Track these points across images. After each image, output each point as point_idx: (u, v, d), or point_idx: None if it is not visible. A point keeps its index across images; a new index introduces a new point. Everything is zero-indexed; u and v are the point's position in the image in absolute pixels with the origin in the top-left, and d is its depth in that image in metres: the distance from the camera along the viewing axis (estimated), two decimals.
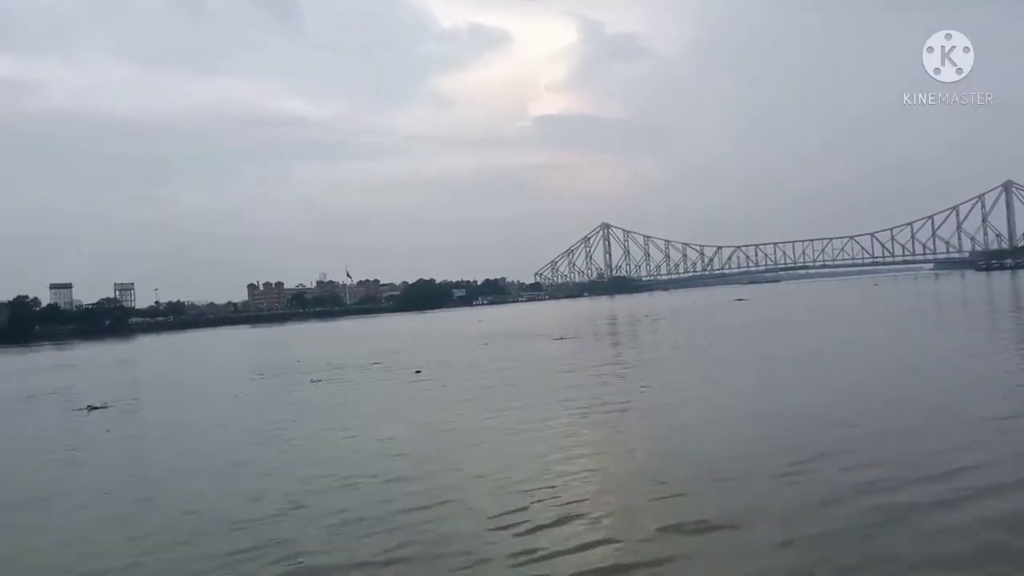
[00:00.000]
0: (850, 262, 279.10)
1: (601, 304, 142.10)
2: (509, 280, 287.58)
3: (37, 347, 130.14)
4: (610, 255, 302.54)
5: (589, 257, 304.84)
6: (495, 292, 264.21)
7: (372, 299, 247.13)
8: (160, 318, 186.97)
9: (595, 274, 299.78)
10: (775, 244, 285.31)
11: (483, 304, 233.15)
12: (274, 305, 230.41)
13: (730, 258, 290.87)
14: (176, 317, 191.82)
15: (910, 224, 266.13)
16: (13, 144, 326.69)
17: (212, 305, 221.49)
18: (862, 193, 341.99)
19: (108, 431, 22.04)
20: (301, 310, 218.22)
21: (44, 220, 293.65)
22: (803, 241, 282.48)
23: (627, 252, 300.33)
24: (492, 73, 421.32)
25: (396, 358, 40.11)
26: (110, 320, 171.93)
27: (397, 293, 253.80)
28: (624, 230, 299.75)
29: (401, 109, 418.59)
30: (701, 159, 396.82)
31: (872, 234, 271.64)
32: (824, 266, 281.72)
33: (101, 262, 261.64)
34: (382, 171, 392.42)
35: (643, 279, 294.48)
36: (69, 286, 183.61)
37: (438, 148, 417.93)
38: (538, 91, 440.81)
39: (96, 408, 26.98)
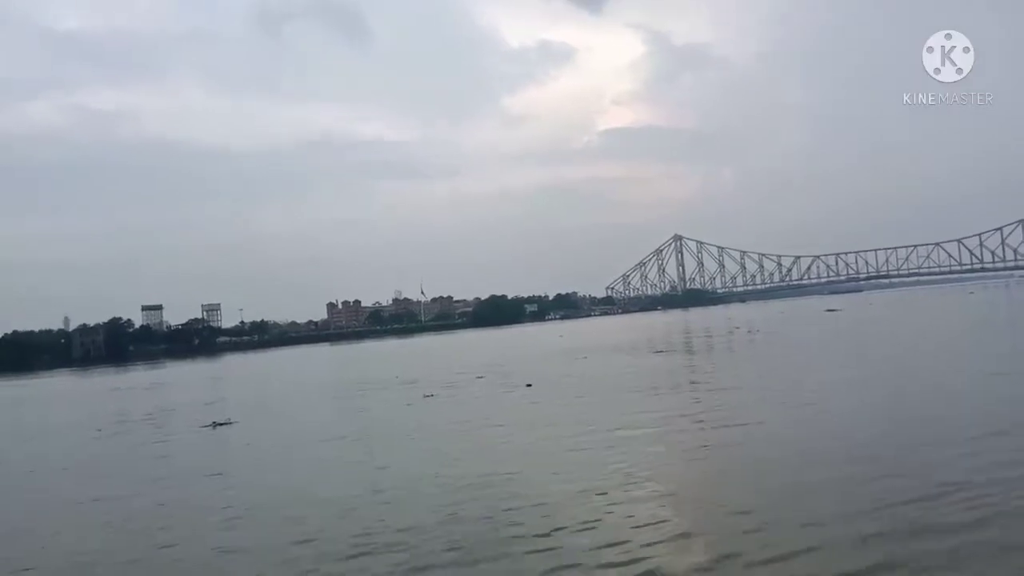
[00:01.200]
0: (936, 270, 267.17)
1: (678, 318, 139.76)
2: (580, 294, 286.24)
3: (132, 366, 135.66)
4: (683, 267, 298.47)
5: (662, 270, 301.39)
6: (567, 307, 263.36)
7: (446, 316, 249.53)
8: (245, 337, 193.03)
9: (668, 287, 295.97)
10: (857, 253, 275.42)
11: (556, 319, 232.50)
12: (352, 323, 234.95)
13: (809, 268, 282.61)
14: (260, 336, 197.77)
15: (999, 229, 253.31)
16: (110, 171, 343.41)
17: (294, 324, 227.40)
18: (948, 196, 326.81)
19: (248, 444, 22.63)
20: (378, 327, 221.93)
21: (136, 243, 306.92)
22: (886, 249, 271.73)
23: (701, 264, 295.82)
24: (560, 88, 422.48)
25: (497, 372, 40.16)
26: (199, 340, 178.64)
27: (470, 309, 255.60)
28: (698, 241, 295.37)
29: (471, 127, 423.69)
30: (777, 167, 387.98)
31: (959, 240, 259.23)
32: (909, 275, 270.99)
33: (189, 283, 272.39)
34: (453, 188, 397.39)
35: (718, 291, 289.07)
36: (160, 307, 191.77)
37: (507, 164, 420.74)
38: (605, 105, 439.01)
39: (221, 424, 27.70)
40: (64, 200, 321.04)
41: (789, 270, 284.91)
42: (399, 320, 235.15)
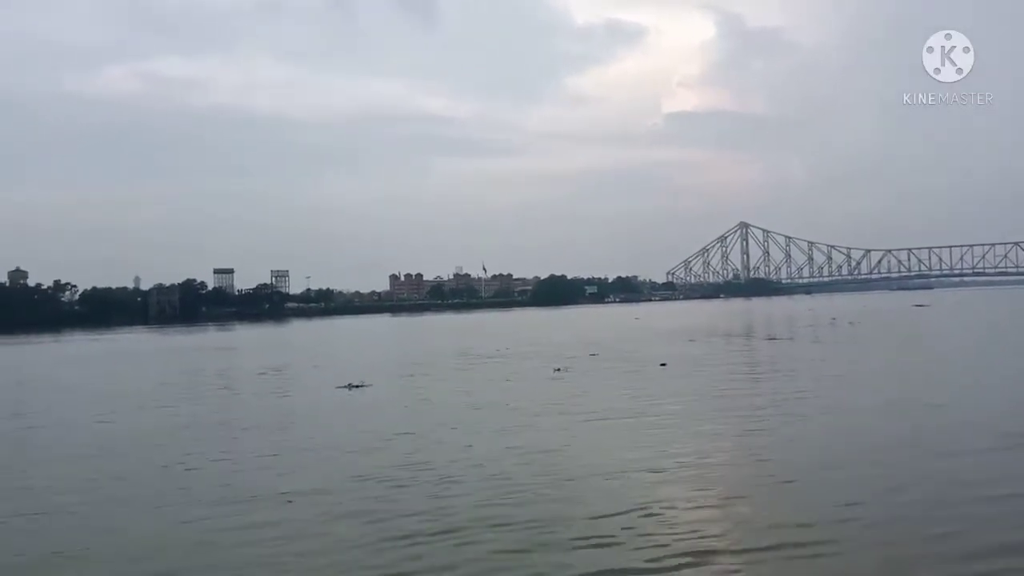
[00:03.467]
0: (1013, 271, 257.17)
1: (749, 307, 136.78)
2: (640, 278, 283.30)
3: (204, 327, 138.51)
4: (748, 255, 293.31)
5: (725, 257, 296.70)
6: (627, 290, 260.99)
7: (506, 293, 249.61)
8: (312, 304, 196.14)
9: (731, 275, 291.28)
10: (930, 249, 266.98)
11: (615, 302, 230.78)
12: (414, 296, 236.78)
13: (879, 262, 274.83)
14: (326, 304, 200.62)
15: None
16: (182, 137, 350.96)
17: (358, 294, 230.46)
18: None
19: (405, 407, 22.38)
20: (439, 301, 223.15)
21: (205, 209, 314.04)
22: (961, 246, 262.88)
23: (767, 253, 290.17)
24: (625, 69, 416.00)
25: (610, 351, 39.50)
26: (268, 304, 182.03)
27: (529, 288, 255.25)
28: (764, 230, 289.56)
29: (535, 106, 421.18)
30: (847, 156, 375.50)
31: None
32: (983, 274, 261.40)
33: (256, 250, 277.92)
34: (516, 167, 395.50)
35: (782, 282, 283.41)
36: (231, 271, 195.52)
37: (570, 145, 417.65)
38: (671, 87, 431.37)
39: (355, 387, 27.56)
40: (135, 165, 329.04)
41: (858, 263, 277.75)
42: (459, 295, 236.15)
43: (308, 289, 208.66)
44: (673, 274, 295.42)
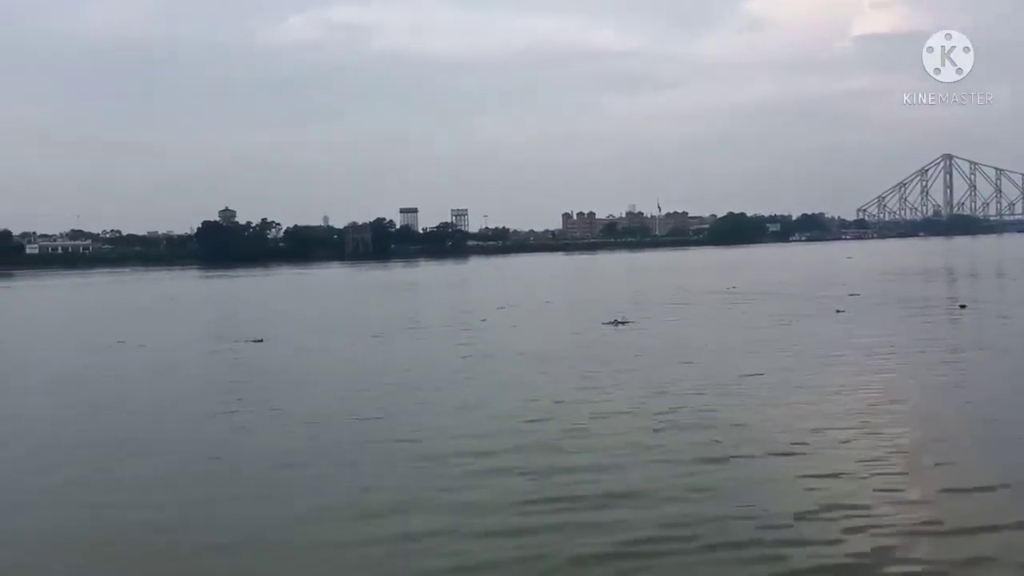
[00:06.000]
0: None
1: (960, 245, 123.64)
2: (827, 215, 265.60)
3: (393, 263, 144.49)
4: (951, 190, 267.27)
5: (925, 192, 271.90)
6: (814, 228, 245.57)
7: (680, 232, 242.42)
8: (490, 242, 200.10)
9: (931, 211, 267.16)
10: None
11: (800, 241, 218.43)
12: (586, 234, 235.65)
13: None
14: (503, 242, 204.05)
15: None
16: (361, 81, 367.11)
17: (532, 232, 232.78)
18: None
19: (706, 346, 21.26)
20: (612, 240, 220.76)
21: (391, 149, 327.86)
22: None
23: (973, 187, 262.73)
24: None
25: (868, 291, 36.53)
26: (451, 242, 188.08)
27: (705, 226, 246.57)
28: (971, 162, 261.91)
29: (708, 34, 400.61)
30: None
31: None
32: None
33: (437, 189, 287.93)
34: (688, 100, 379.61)
35: (990, 219, 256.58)
36: (415, 211, 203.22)
37: (746, 74, 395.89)
38: (862, 8, 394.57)
39: (620, 323, 26.99)
40: (319, 107, 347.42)
41: None
42: (632, 234, 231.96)
43: (485, 227, 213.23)
44: (865, 211, 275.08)
